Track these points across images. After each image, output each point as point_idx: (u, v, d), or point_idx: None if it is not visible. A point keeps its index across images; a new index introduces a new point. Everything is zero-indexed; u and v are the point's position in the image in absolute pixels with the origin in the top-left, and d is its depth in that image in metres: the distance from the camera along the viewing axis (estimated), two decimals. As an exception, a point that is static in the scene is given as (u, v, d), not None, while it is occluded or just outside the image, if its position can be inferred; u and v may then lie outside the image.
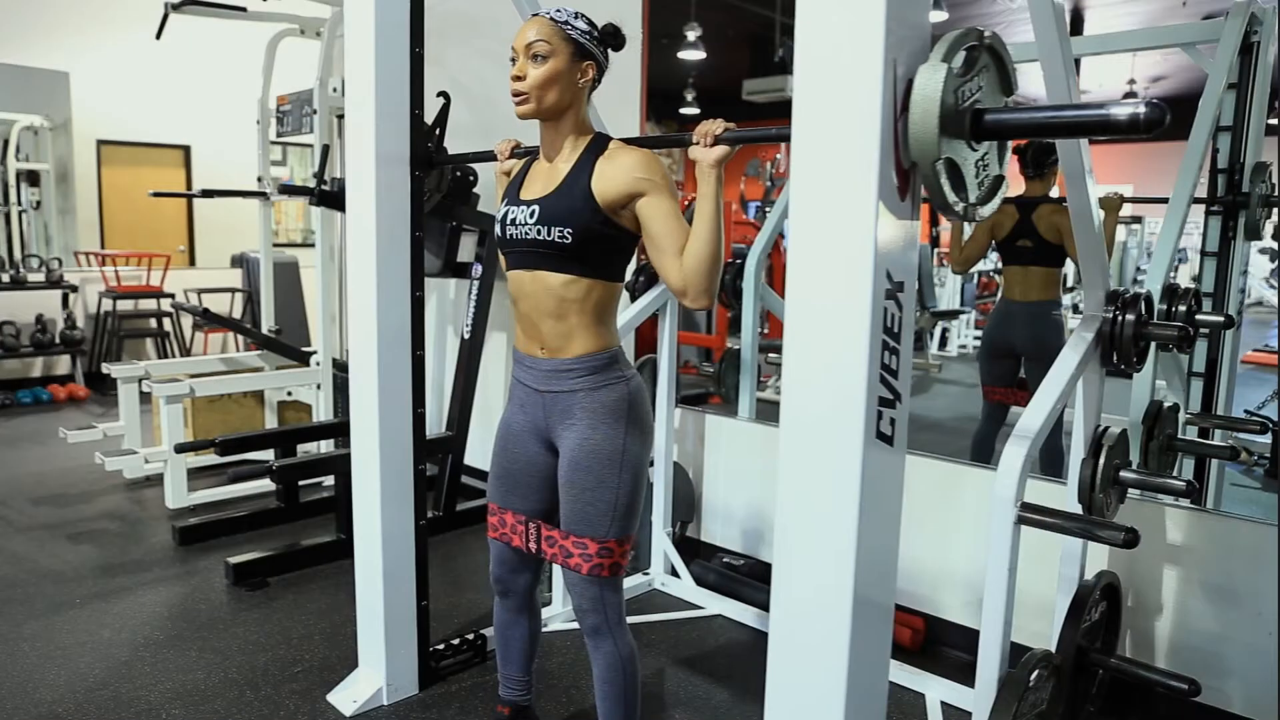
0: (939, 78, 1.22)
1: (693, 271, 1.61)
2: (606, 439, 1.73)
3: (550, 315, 1.74)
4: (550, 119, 1.74)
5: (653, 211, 1.66)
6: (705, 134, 1.62)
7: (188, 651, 2.63)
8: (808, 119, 1.31)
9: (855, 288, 1.27)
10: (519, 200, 1.77)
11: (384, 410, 2.22)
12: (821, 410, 1.33)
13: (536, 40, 1.68)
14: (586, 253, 1.69)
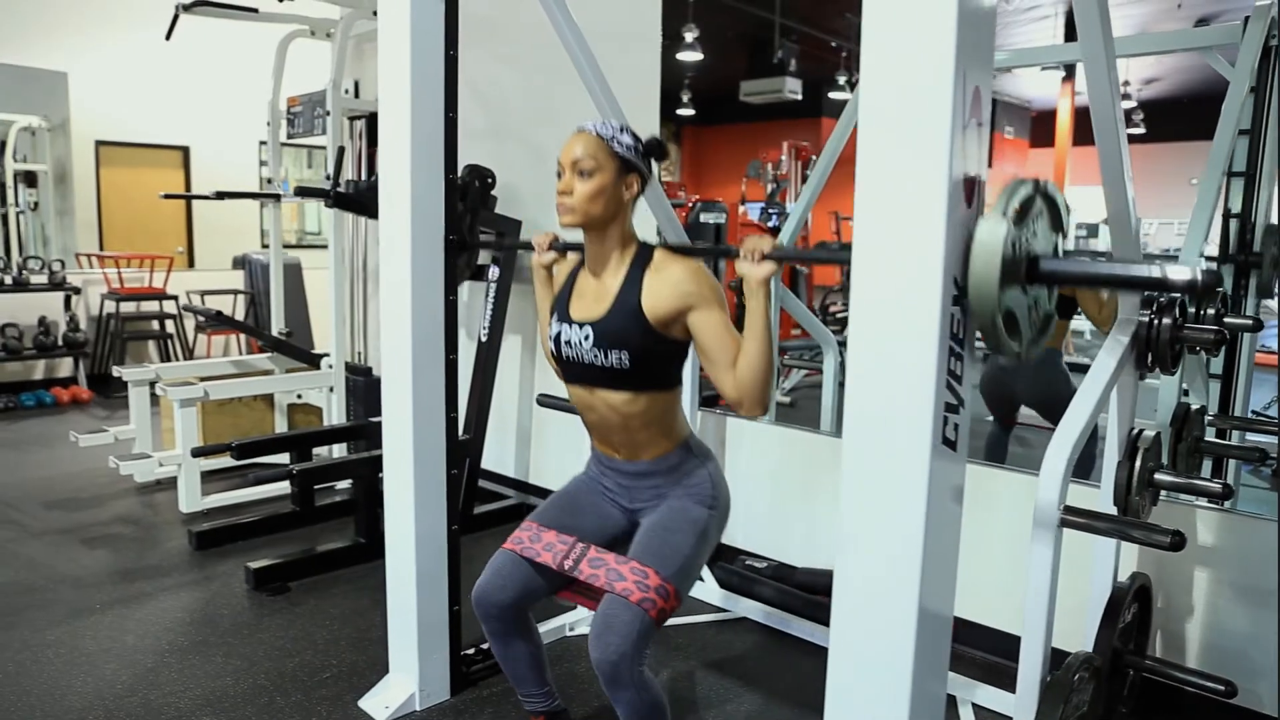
0: (1000, 233, 1.25)
1: (748, 385, 1.65)
2: (694, 509, 1.82)
3: (618, 428, 1.82)
4: (595, 230, 1.77)
5: (704, 326, 1.69)
6: (753, 251, 1.64)
7: (213, 657, 2.61)
8: (875, 125, 1.31)
9: (925, 295, 1.27)
10: (570, 319, 1.81)
11: (418, 415, 2.22)
12: (888, 416, 1.33)
13: (583, 157, 1.72)
14: (644, 371, 1.75)
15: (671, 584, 1.72)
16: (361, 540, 3.35)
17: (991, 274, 1.25)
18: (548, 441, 4.04)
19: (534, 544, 1.87)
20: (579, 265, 1.88)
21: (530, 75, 3.84)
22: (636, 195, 1.78)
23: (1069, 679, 1.81)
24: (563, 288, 1.89)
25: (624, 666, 1.64)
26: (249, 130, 8.95)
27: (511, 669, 1.98)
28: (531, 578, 1.88)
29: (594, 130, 1.74)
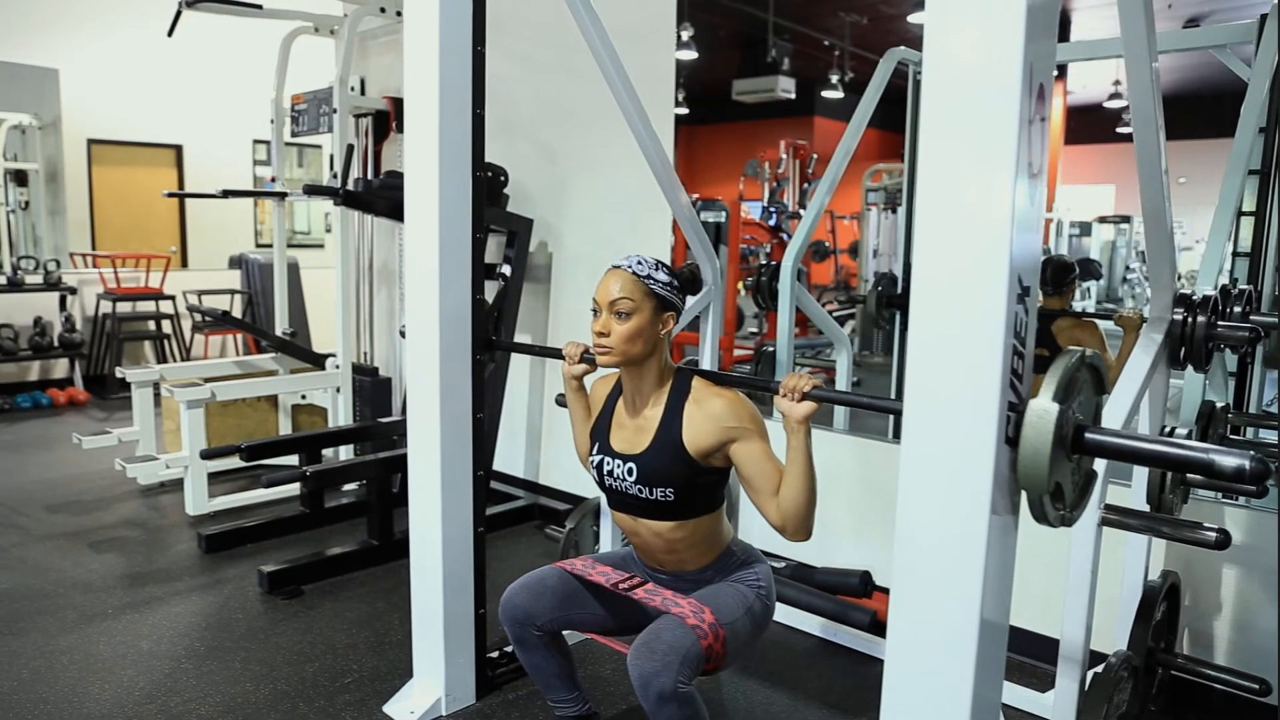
0: (1050, 418, 1.25)
1: (791, 514, 1.66)
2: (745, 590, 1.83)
3: (662, 550, 1.84)
4: (633, 366, 1.77)
5: (746, 457, 1.71)
6: (793, 390, 1.64)
7: (231, 663, 2.57)
8: (937, 123, 1.30)
9: (991, 293, 1.25)
10: (612, 452, 1.83)
11: (445, 416, 2.19)
12: (952, 416, 1.31)
13: (620, 298, 1.71)
14: (689, 502, 1.76)
15: (724, 630, 1.71)
16: (374, 542, 3.31)
17: (1041, 460, 1.26)
18: (559, 442, 4.01)
19: (586, 568, 1.90)
20: (617, 388, 1.89)
21: (540, 73, 3.81)
22: (671, 331, 1.78)
23: (1112, 678, 1.81)
24: (602, 414, 1.90)
25: (667, 678, 1.59)
26: (242, 128, 8.87)
27: (539, 678, 1.97)
28: (572, 598, 1.89)
29: (630, 269, 1.74)
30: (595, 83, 3.59)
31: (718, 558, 1.85)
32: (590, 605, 1.92)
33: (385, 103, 4.35)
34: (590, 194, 3.76)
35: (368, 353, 4.78)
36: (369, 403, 4.33)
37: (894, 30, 8.12)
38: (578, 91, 3.69)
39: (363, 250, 4.72)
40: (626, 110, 2.59)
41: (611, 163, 3.67)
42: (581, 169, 3.76)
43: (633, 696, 2.40)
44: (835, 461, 3.11)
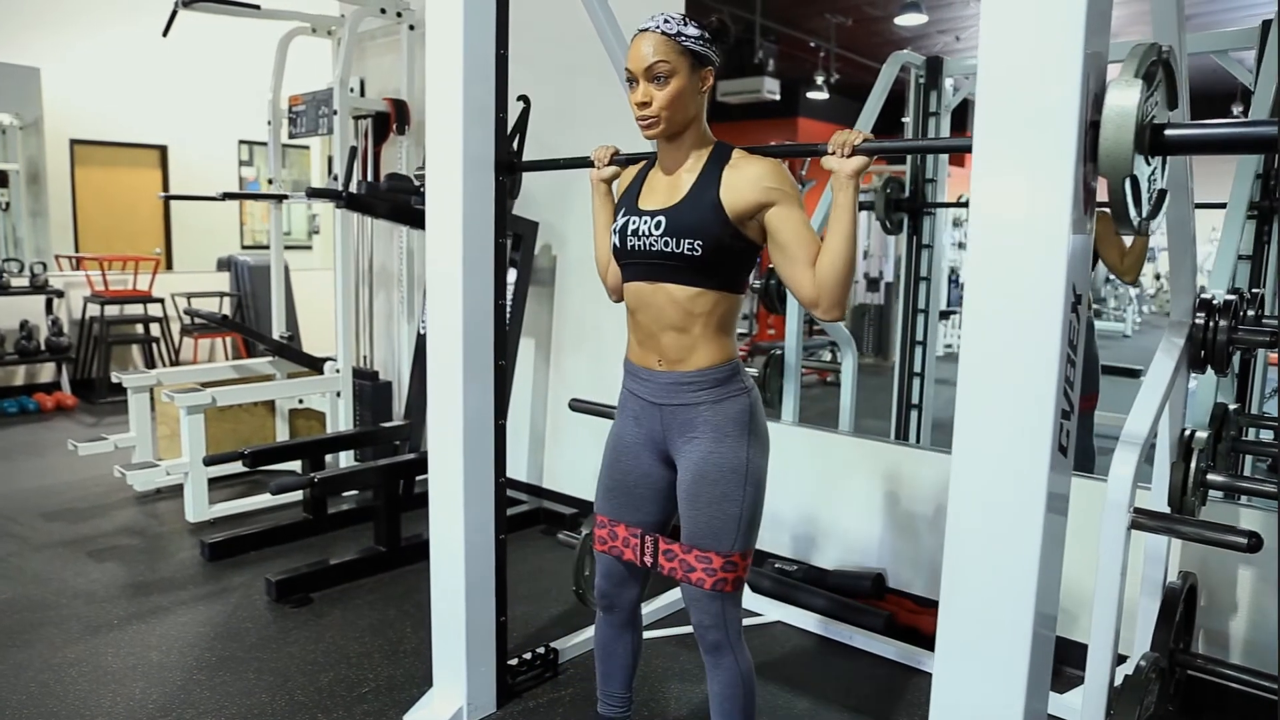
0: (1134, 95, 1.21)
1: (828, 284, 1.59)
2: (731, 451, 1.70)
3: (673, 328, 1.70)
4: (677, 135, 1.71)
5: (783, 222, 1.63)
6: (843, 144, 1.59)
7: (244, 673, 2.54)
8: (994, 130, 1.30)
9: (1046, 302, 1.25)
10: (639, 210, 1.73)
11: (468, 422, 2.17)
12: (1006, 423, 1.31)
13: (656, 61, 1.63)
14: (715, 265, 1.66)
15: (736, 552, 1.70)
16: (381, 549, 3.28)
17: (1125, 139, 1.21)
18: (563, 445, 3.99)
19: (614, 540, 1.87)
20: (648, 165, 1.81)
21: (542, 74, 3.78)
22: (712, 87, 1.71)
23: (1143, 680, 1.82)
24: (630, 185, 1.82)
25: (722, 641, 1.76)
26: (228, 129, 8.78)
27: (608, 665, 1.97)
28: (635, 568, 1.89)
29: (658, 29, 1.64)
30: (598, 83, 3.60)
31: (718, 364, 1.70)
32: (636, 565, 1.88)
33: (385, 104, 4.31)
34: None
35: (367, 356, 4.74)
36: (369, 407, 4.29)
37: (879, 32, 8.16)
38: (580, 92, 3.68)
39: (362, 253, 4.68)
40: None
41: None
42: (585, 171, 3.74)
43: (656, 705, 2.40)
44: (842, 464, 3.12)
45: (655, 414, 1.77)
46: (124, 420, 4.61)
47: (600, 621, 1.96)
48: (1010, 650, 1.35)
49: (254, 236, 9.28)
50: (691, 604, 1.77)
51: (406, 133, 4.36)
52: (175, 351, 6.70)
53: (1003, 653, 1.36)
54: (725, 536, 1.70)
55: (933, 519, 2.93)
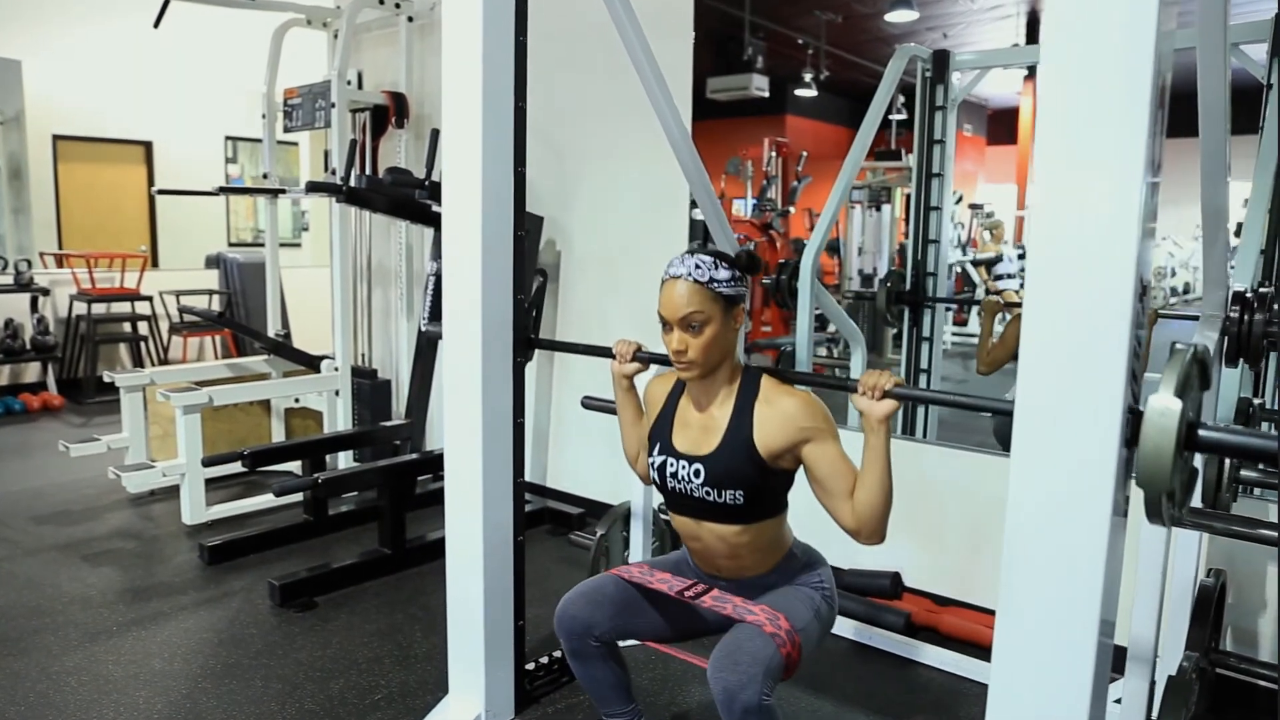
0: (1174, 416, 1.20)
1: (867, 518, 1.61)
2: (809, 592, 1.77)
3: (724, 555, 1.77)
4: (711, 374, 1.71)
5: (820, 459, 1.65)
6: (873, 388, 1.58)
7: (252, 681, 2.46)
8: (1058, 118, 1.25)
9: (1118, 293, 1.20)
10: (675, 452, 1.75)
11: (487, 421, 2.10)
12: (1070, 420, 1.26)
13: (691, 311, 1.64)
14: (758, 505, 1.70)
15: (799, 637, 1.65)
16: (386, 551, 3.21)
17: (1164, 459, 1.20)
18: (567, 445, 3.93)
19: (646, 576, 1.82)
20: (678, 387, 1.82)
21: (548, 69, 3.71)
22: (742, 324, 1.72)
23: (1187, 681, 1.78)
24: (662, 414, 1.82)
25: (752, 691, 1.53)
26: (214, 125, 8.65)
27: (595, 690, 1.89)
28: (630, 605, 1.82)
29: (691, 278, 1.65)
30: (604, 78, 3.54)
31: (780, 562, 1.79)
32: (648, 614, 1.85)
33: (384, 97, 4.23)
34: (600, 191, 3.68)
35: (365, 354, 4.65)
36: (368, 406, 4.21)
37: (869, 29, 8.13)
38: (586, 87, 3.62)
39: (360, 249, 4.59)
40: (655, 100, 2.52)
41: (622, 159, 3.59)
42: (591, 165, 3.68)
43: (674, 705, 2.34)
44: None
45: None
46: (113, 420, 4.52)
47: (573, 663, 1.84)
48: (1074, 659, 1.30)
49: (239, 234, 9.15)
50: (730, 640, 1.60)
51: (405, 126, 4.28)
52: (164, 350, 6.58)
53: (1065, 662, 1.31)
54: (796, 616, 1.69)
55: (948, 516, 2.89)
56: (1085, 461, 1.26)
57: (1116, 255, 1.21)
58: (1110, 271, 1.21)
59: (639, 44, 2.40)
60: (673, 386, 1.83)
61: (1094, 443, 1.25)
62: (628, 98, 3.42)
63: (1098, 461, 1.25)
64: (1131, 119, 1.18)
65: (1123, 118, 1.19)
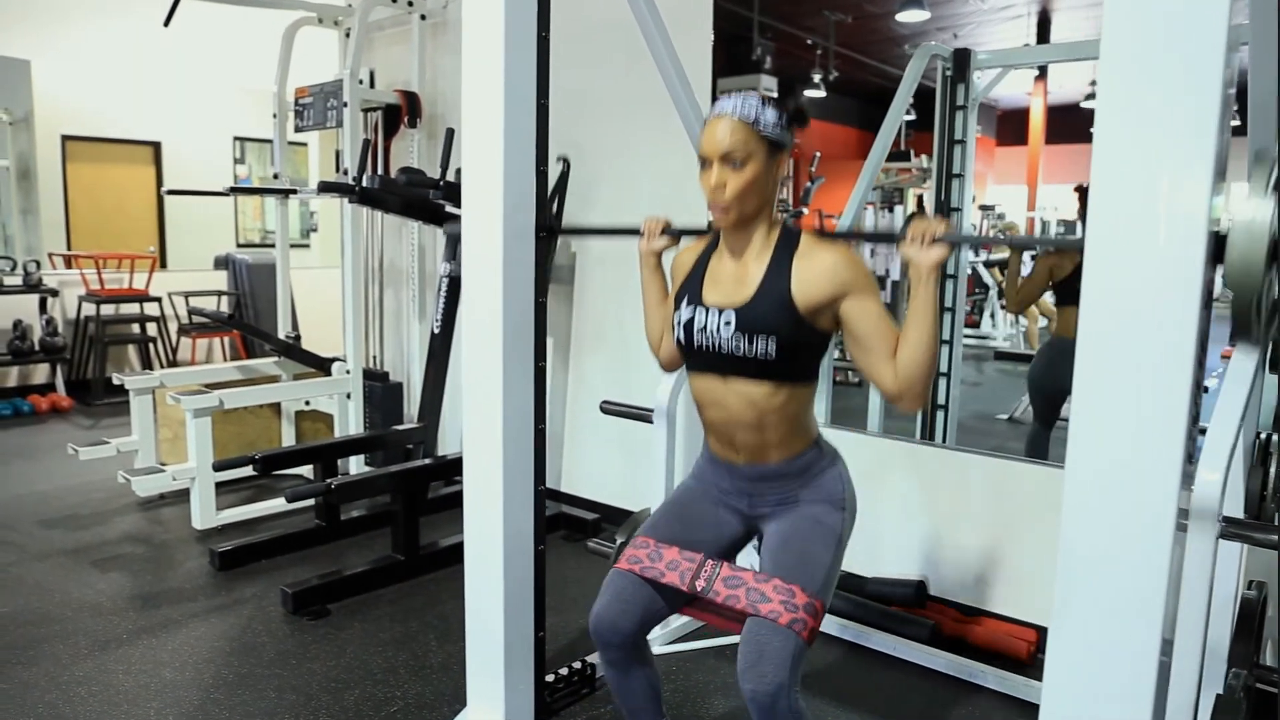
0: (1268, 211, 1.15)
1: (910, 377, 1.52)
2: (827, 515, 1.67)
3: (748, 425, 1.65)
4: (748, 222, 1.62)
5: (861, 315, 1.56)
6: (922, 234, 1.50)
7: (265, 691, 2.41)
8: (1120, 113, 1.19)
9: (1181, 298, 1.15)
10: (705, 304, 1.65)
11: (508, 427, 2.04)
12: (1132, 430, 1.20)
13: (733, 148, 1.56)
14: (789, 361, 1.59)
15: (819, 600, 1.58)
16: (399, 557, 3.15)
17: (1256, 258, 1.14)
18: (581, 449, 3.87)
19: (655, 563, 1.70)
20: (709, 248, 1.73)
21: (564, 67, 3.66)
22: (784, 173, 1.64)
23: (1236, 700, 1.72)
24: (692, 272, 1.73)
25: (782, 697, 1.49)
26: (223, 125, 8.62)
27: (629, 701, 1.82)
28: (653, 599, 1.71)
29: (737, 114, 1.57)
30: (620, 75, 3.48)
31: (803, 452, 1.67)
32: (669, 593, 1.72)
33: (396, 96, 4.18)
34: (615, 190, 3.62)
35: (376, 356, 4.60)
36: (379, 409, 4.16)
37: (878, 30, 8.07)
38: (600, 84, 3.56)
39: (371, 249, 4.54)
40: (677, 97, 2.48)
41: (638, 157, 3.54)
42: (606, 164, 3.62)
43: (699, 717, 2.29)
44: (876, 465, 3.00)
45: (742, 491, 1.73)
46: (121, 423, 4.48)
47: (606, 668, 1.77)
48: (1133, 681, 1.24)
49: (246, 235, 9.12)
50: (750, 643, 1.54)
51: (418, 125, 4.23)
52: (173, 351, 6.54)
53: (1124, 684, 1.25)
54: (814, 575, 1.59)
55: (974, 524, 2.82)
56: (1146, 472, 1.20)
57: (1182, 257, 1.15)
58: (1176, 276, 1.15)
59: (662, 41, 2.35)
60: (702, 251, 1.75)
61: (1156, 452, 1.19)
62: (644, 95, 3.36)
63: (1160, 471, 1.19)
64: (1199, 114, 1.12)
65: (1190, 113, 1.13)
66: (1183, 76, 1.12)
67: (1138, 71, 1.17)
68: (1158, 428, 1.18)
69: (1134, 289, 1.19)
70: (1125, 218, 1.20)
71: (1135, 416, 1.20)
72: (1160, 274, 1.16)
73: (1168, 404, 1.17)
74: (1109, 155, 1.20)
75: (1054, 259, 3.41)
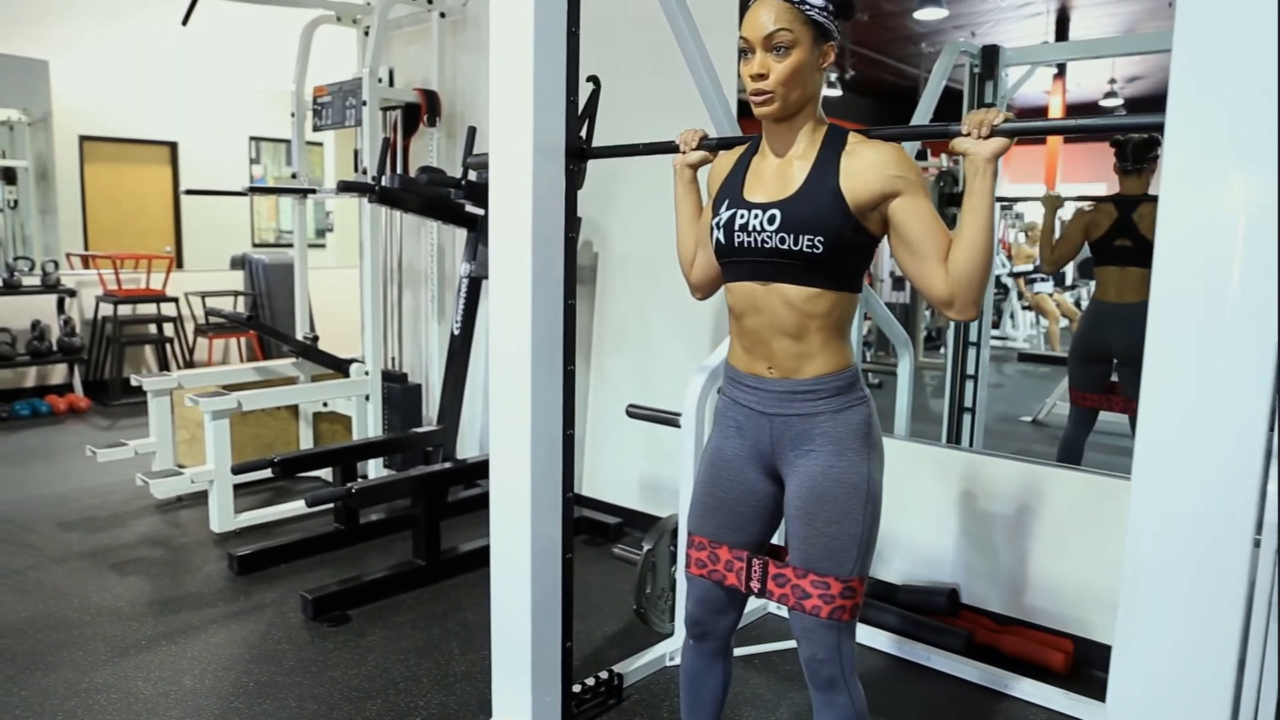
0: None
1: (964, 281, 1.43)
2: (851, 465, 1.53)
3: (787, 333, 1.54)
4: (791, 116, 1.53)
5: (911, 214, 1.46)
6: (980, 124, 1.42)
7: (286, 701, 2.36)
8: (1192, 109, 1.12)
9: (1262, 285, 1.08)
10: (746, 203, 1.56)
11: (536, 433, 1.99)
12: (1208, 435, 1.14)
13: (778, 30, 1.46)
14: (835, 262, 1.49)
15: (854, 577, 1.54)
16: (420, 562, 3.11)
17: None
18: (602, 452, 3.82)
19: (715, 564, 1.68)
20: (750, 152, 1.65)
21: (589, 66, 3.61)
22: (830, 66, 1.55)
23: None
24: (731, 175, 1.64)
25: (837, 676, 1.58)
26: (239, 125, 8.62)
27: (697, 699, 1.78)
28: (730, 593, 1.71)
29: None
30: (646, 73, 3.42)
31: (838, 371, 1.55)
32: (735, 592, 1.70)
33: (415, 95, 4.13)
34: (640, 191, 3.57)
35: (395, 357, 4.56)
36: (398, 411, 4.12)
37: (896, 28, 7.98)
38: (623, 81, 3.50)
39: (390, 249, 4.51)
40: (707, 95, 2.42)
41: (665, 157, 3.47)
42: (631, 164, 3.56)
43: None
44: (904, 470, 2.93)
45: (764, 425, 1.60)
46: (139, 423, 4.46)
47: (689, 650, 1.77)
48: (1205, 704, 1.17)
49: (261, 234, 9.12)
50: (803, 636, 1.59)
51: (437, 124, 4.19)
52: (189, 352, 6.53)
53: (1195, 707, 1.18)
54: (845, 559, 1.53)
55: (1007, 530, 2.75)
56: (1222, 482, 1.14)
57: (1259, 267, 1.08)
58: (1252, 277, 1.09)
59: (692, 38, 2.30)
60: (740, 156, 1.66)
61: (1234, 458, 1.12)
62: (669, 94, 3.30)
63: (1237, 480, 1.13)
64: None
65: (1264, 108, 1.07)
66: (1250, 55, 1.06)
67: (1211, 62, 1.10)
68: (1234, 435, 1.12)
69: (1207, 286, 1.13)
70: (1198, 219, 1.13)
71: (1212, 413, 1.13)
72: (1236, 269, 1.10)
73: (1246, 410, 1.11)
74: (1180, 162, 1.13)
75: (1090, 216, 3.32)
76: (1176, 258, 1.16)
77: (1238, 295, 1.11)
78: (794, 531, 1.59)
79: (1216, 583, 1.16)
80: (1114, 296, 3.30)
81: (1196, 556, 1.18)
